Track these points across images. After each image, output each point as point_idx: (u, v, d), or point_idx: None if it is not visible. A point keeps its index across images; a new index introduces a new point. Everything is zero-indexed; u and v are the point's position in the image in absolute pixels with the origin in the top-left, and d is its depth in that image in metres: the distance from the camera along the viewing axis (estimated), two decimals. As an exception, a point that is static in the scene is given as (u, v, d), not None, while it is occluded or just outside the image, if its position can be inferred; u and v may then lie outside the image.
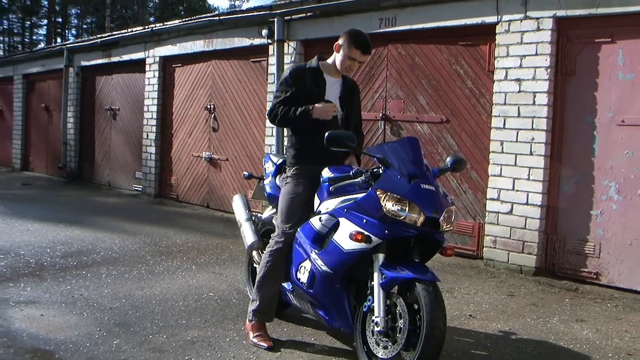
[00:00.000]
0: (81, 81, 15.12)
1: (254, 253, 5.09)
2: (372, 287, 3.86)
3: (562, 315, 5.47)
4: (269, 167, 5.26)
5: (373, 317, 3.80)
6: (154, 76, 12.46)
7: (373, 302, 3.82)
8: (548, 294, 6.16)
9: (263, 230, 5.24)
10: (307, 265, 4.26)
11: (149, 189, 12.61)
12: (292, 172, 4.59)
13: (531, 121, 6.80)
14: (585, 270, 6.54)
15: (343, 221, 4.00)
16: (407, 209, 3.73)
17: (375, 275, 3.83)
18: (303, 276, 4.28)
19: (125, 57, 13.28)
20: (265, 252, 4.61)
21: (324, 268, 4.07)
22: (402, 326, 3.71)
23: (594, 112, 6.48)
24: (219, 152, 11.13)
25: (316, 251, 4.16)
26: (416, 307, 3.69)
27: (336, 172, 4.24)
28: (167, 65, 12.32)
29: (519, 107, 6.90)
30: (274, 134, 9.53)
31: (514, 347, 4.62)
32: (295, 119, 4.45)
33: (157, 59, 12.35)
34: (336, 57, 4.56)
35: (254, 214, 5.36)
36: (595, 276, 6.47)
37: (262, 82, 10.18)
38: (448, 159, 4.44)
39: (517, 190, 6.92)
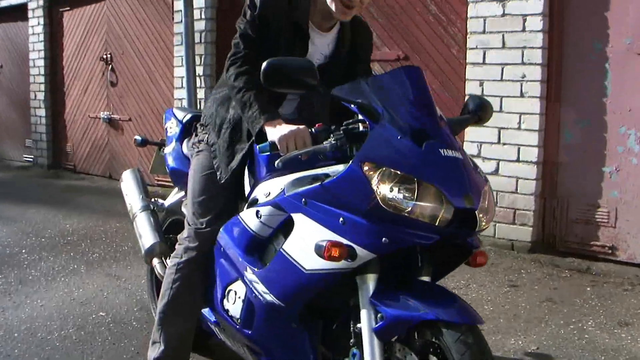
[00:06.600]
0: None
1: (156, 262, 3.35)
2: (358, 333, 2.21)
3: (596, 317, 4.00)
4: (172, 128, 3.53)
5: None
6: (38, 24, 10.88)
7: (361, 357, 2.19)
8: (559, 281, 4.73)
9: (169, 222, 3.59)
10: (239, 288, 2.57)
11: (41, 159, 11.04)
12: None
13: (521, 53, 5.47)
14: (597, 243, 5.22)
15: (300, 219, 2.27)
16: (415, 194, 2.07)
17: (364, 313, 2.16)
18: (233, 307, 2.60)
19: (4, 3, 11.56)
20: (169, 264, 2.90)
21: (269, 298, 2.37)
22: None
23: (605, 38, 5.14)
24: (119, 112, 9.55)
25: (254, 268, 2.47)
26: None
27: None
28: (54, 9, 10.71)
29: (503, 36, 5.55)
30: (184, 84, 7.87)
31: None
32: (242, 111, 2.59)
33: (41, 3, 10.74)
34: None
35: (154, 199, 3.64)
36: (610, 251, 5.17)
37: (167, 22, 8.57)
38: (468, 103, 2.72)
39: (504, 144, 5.57)
